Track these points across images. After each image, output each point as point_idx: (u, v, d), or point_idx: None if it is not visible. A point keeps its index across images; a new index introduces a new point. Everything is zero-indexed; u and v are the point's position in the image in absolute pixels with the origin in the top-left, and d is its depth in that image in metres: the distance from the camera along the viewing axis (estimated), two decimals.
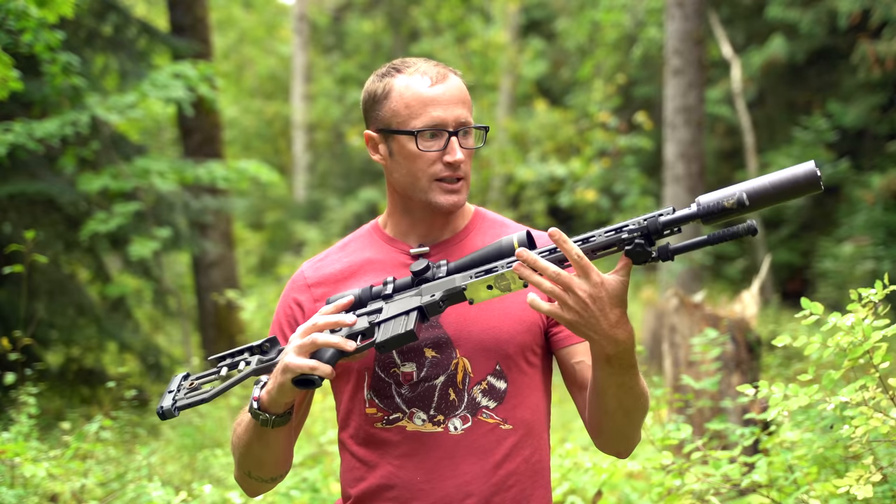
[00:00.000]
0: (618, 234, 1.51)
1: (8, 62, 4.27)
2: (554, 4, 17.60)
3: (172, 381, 1.79)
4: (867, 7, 10.77)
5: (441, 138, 1.73)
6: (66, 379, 7.47)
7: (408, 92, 1.74)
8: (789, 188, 1.43)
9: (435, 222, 1.82)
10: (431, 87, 1.74)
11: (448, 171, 1.74)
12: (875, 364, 2.10)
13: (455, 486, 1.72)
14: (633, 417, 1.69)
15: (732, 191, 1.45)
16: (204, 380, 1.78)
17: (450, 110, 1.73)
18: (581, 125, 14.64)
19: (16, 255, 6.14)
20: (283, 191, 18.12)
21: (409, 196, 1.79)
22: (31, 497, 3.24)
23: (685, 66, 8.81)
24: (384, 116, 1.77)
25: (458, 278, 1.63)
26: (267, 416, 1.66)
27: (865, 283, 9.35)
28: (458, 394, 1.75)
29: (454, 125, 1.74)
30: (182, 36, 9.09)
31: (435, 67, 1.77)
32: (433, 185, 1.75)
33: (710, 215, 1.46)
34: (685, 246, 1.49)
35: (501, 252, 1.59)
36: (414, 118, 1.73)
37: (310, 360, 1.61)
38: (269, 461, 1.77)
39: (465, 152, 1.75)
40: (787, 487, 2.55)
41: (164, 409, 1.70)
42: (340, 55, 20.80)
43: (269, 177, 8.05)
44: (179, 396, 1.74)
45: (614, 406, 1.65)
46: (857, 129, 12.34)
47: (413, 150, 1.74)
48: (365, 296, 1.71)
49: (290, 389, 1.63)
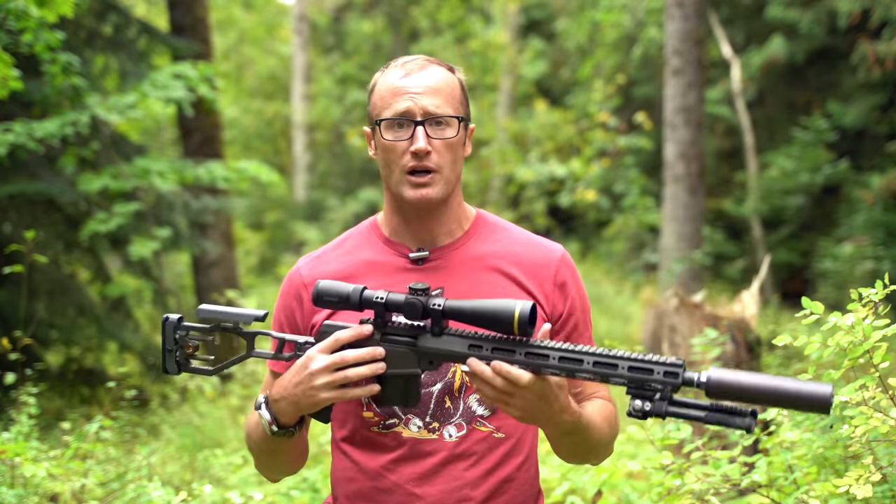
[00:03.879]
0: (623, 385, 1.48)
1: (8, 62, 4.27)
2: (554, 4, 17.60)
3: (166, 332, 1.76)
4: (867, 7, 10.77)
5: (409, 128, 1.71)
6: (66, 379, 7.46)
7: (383, 85, 1.75)
8: (798, 405, 1.41)
9: (424, 221, 1.79)
10: (403, 78, 1.73)
11: (414, 160, 1.71)
12: (875, 364, 2.10)
13: (447, 491, 1.73)
14: (595, 453, 1.79)
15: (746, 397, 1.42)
16: (198, 338, 1.77)
17: (419, 99, 1.71)
18: (581, 125, 14.64)
19: (16, 255, 6.14)
20: (283, 191, 18.11)
21: (391, 191, 1.78)
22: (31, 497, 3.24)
23: (685, 66, 8.80)
24: (370, 112, 1.79)
25: (456, 346, 1.58)
26: (289, 432, 1.69)
27: (865, 282, 9.34)
28: (454, 402, 1.75)
29: (422, 114, 1.71)
30: (182, 36, 9.09)
31: (415, 60, 1.76)
32: (404, 178, 1.73)
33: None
34: (680, 413, 1.47)
35: (500, 318, 1.52)
36: (385, 108, 1.73)
37: (342, 391, 1.61)
38: (294, 459, 1.83)
39: (438, 143, 1.72)
40: (786, 487, 2.55)
41: (170, 371, 1.77)
42: (340, 55, 20.80)
43: (269, 177, 8.05)
44: (180, 357, 1.76)
45: (568, 453, 1.77)
46: (857, 129, 12.34)
47: (383, 141, 1.73)
48: (354, 298, 1.63)
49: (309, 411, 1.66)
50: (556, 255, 1.83)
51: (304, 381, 1.61)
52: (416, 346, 1.62)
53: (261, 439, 1.76)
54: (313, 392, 1.60)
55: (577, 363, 1.49)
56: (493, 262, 1.80)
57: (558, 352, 1.50)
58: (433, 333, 1.61)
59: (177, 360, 1.76)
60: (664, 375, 1.45)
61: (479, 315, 1.54)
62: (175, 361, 1.76)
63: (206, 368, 1.77)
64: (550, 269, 1.81)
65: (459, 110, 1.76)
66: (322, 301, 1.65)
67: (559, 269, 1.82)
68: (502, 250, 1.82)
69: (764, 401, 1.41)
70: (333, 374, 1.60)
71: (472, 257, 1.80)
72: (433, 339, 1.61)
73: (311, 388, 1.60)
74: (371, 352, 1.61)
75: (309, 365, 1.61)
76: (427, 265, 1.79)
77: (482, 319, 1.53)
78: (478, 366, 1.52)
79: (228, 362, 1.75)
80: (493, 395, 1.53)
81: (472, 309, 1.55)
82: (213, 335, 1.76)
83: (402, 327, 1.64)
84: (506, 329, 1.52)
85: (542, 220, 14.21)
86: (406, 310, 1.59)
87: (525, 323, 1.50)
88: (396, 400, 1.65)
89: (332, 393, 1.60)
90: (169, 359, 1.76)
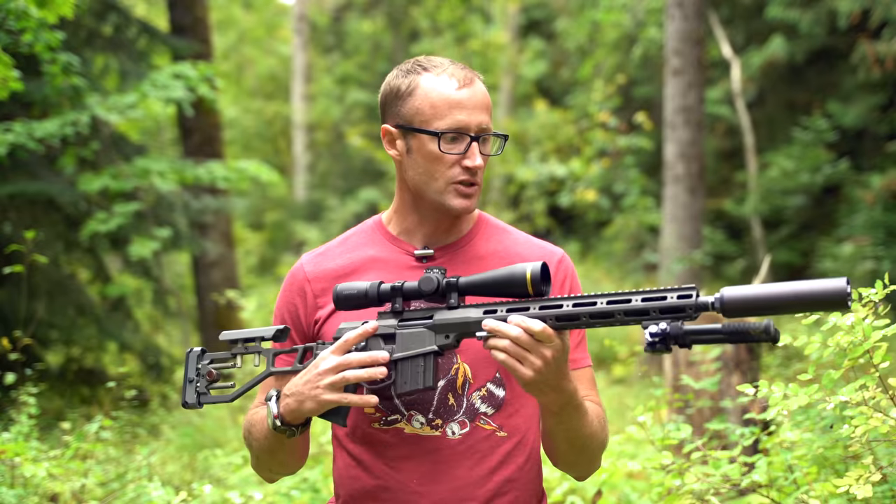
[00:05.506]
0: (640, 319, 1.49)
1: (8, 62, 4.27)
2: (554, 4, 17.59)
3: (189, 364, 1.78)
4: (867, 7, 10.76)
5: (462, 142, 1.73)
6: (66, 379, 7.47)
7: (434, 92, 1.73)
8: (814, 305, 1.41)
9: (441, 223, 1.82)
10: (458, 90, 1.73)
11: (466, 175, 1.74)
12: (875, 364, 2.10)
13: (450, 490, 1.73)
14: (585, 454, 1.77)
15: (760, 313, 1.43)
16: (220, 365, 1.79)
17: (474, 115, 1.73)
18: (581, 125, 14.63)
19: (16, 255, 6.14)
20: (283, 191, 18.11)
21: (421, 195, 1.78)
22: (31, 497, 3.24)
23: (685, 66, 8.80)
24: (406, 113, 1.75)
25: (472, 312, 1.63)
26: (291, 430, 1.69)
27: (865, 282, 9.34)
28: (458, 399, 1.75)
29: (476, 130, 1.73)
30: (182, 36, 9.09)
31: (462, 70, 1.76)
32: (449, 188, 1.74)
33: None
34: (699, 338, 1.46)
35: (514, 280, 1.58)
36: (438, 119, 1.72)
37: (343, 394, 1.63)
38: (293, 460, 1.83)
39: (483, 158, 1.75)
40: (786, 487, 2.55)
41: (189, 403, 1.76)
42: (340, 55, 20.79)
43: (269, 177, 8.05)
44: (201, 388, 1.77)
45: (565, 448, 1.74)
46: (857, 129, 12.33)
47: (433, 150, 1.73)
48: (372, 293, 1.68)
49: (315, 413, 1.67)
50: (556, 257, 1.86)
51: (311, 380, 1.64)
52: (432, 323, 1.66)
53: (262, 435, 1.76)
54: (317, 392, 1.63)
55: (591, 306, 1.53)
56: (496, 261, 1.82)
57: (571, 300, 1.55)
58: (449, 307, 1.66)
59: (197, 390, 1.77)
60: (678, 298, 1.46)
61: (493, 282, 1.60)
62: (195, 392, 1.76)
63: (225, 396, 1.78)
64: (550, 268, 1.81)
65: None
66: (344, 302, 1.69)
67: (559, 269, 1.84)
68: (504, 250, 1.85)
69: (780, 308, 1.41)
70: (336, 376, 1.62)
71: (476, 256, 1.82)
72: (449, 311, 1.65)
73: (315, 388, 1.63)
74: (372, 356, 1.63)
75: (319, 364, 1.64)
76: (432, 263, 1.81)
77: (496, 286, 1.60)
78: (493, 323, 1.56)
79: (247, 385, 1.76)
80: (511, 350, 1.54)
81: (485, 278, 1.61)
82: (234, 360, 1.78)
83: (418, 311, 1.69)
84: (520, 291, 1.58)
85: (542, 220, 14.20)
86: (423, 285, 1.65)
87: (538, 281, 1.56)
88: (416, 382, 1.65)
89: (334, 395, 1.63)
90: (189, 389, 1.77)
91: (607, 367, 8.48)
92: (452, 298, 1.65)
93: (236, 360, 1.78)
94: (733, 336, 1.42)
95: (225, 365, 1.78)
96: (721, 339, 1.43)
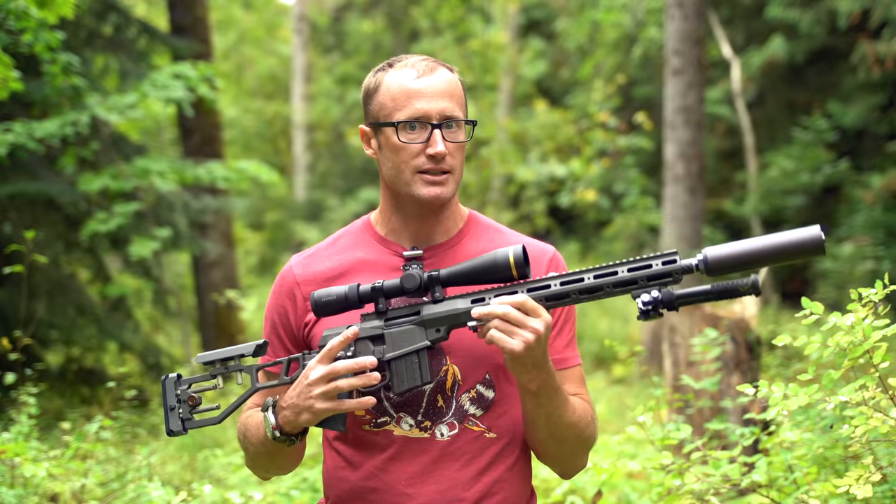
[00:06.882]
0: (629, 289, 1.53)
1: (8, 62, 4.27)
2: (554, 4, 17.59)
3: (168, 393, 1.75)
4: (867, 7, 10.77)
5: (424, 130, 1.72)
6: (66, 379, 7.46)
7: (395, 85, 1.74)
8: (793, 254, 1.48)
9: (425, 220, 1.80)
10: (417, 80, 1.73)
11: (431, 163, 1.72)
12: (875, 364, 2.10)
13: (439, 491, 1.73)
14: (566, 445, 1.75)
15: (747, 269, 1.49)
16: (199, 386, 1.76)
17: (434, 102, 1.72)
18: (581, 125, 14.62)
19: (16, 255, 6.14)
20: (283, 191, 18.11)
21: (396, 190, 1.78)
22: (31, 497, 3.24)
23: (685, 66, 8.80)
24: (373, 110, 1.77)
25: (459, 303, 1.64)
26: (290, 440, 1.69)
27: (865, 282, 9.34)
28: (447, 401, 1.75)
29: (439, 118, 1.72)
30: (182, 36, 9.09)
31: (424, 61, 1.76)
32: (415, 178, 1.73)
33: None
34: (689, 300, 1.52)
35: (496, 265, 1.60)
36: (398, 110, 1.72)
37: (338, 402, 1.64)
38: (291, 462, 1.83)
39: (452, 146, 1.73)
40: (786, 487, 2.55)
41: (175, 431, 1.73)
42: (340, 55, 20.79)
43: (269, 177, 8.05)
44: (184, 414, 1.74)
45: (545, 436, 1.72)
46: (857, 129, 12.33)
47: (396, 142, 1.73)
48: (352, 295, 1.68)
49: (312, 423, 1.67)
50: (547, 254, 1.85)
51: (303, 392, 1.64)
52: (420, 318, 1.65)
53: (259, 441, 1.76)
54: (311, 402, 1.63)
55: (579, 282, 1.56)
56: None
57: (558, 278, 1.58)
58: (434, 301, 1.66)
59: (180, 416, 1.74)
60: (662, 265, 1.50)
61: (475, 270, 1.62)
62: (179, 419, 1.74)
63: (212, 419, 1.75)
64: (542, 265, 1.82)
65: (467, 113, 1.79)
66: (323, 309, 1.68)
67: (549, 265, 1.83)
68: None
69: (762, 260, 1.48)
70: (327, 385, 1.62)
71: (466, 255, 1.81)
72: (435, 305, 1.66)
73: (308, 398, 1.63)
74: (359, 363, 1.63)
75: (308, 375, 1.64)
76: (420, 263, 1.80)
77: (480, 273, 1.62)
78: (481, 309, 1.58)
79: (234, 405, 1.75)
80: (500, 326, 1.56)
81: (467, 267, 1.63)
82: (215, 380, 1.75)
83: (404, 308, 1.68)
84: (504, 275, 1.60)
85: (542, 220, 14.20)
86: (404, 282, 1.65)
87: (521, 263, 1.59)
88: (413, 379, 1.66)
89: (328, 404, 1.63)
90: (172, 418, 1.74)
91: (607, 367, 8.48)
92: (437, 292, 1.66)
93: (217, 381, 1.75)
94: (723, 294, 1.48)
95: (205, 388, 1.75)
96: (712, 297, 1.49)
